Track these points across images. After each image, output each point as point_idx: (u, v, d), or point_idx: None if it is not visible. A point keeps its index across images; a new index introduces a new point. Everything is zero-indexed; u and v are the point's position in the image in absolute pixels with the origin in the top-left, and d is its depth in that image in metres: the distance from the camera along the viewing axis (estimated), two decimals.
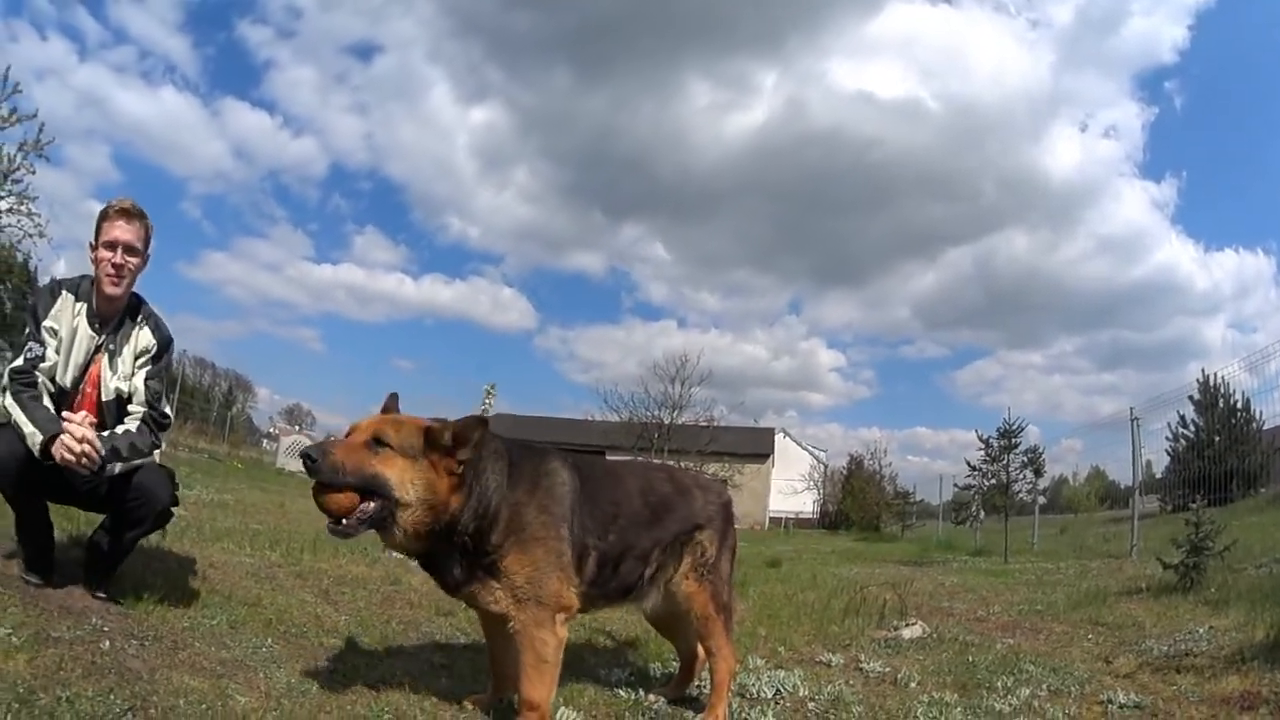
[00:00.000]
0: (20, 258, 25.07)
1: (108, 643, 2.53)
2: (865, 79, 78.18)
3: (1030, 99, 67.86)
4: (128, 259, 2.95)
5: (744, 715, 2.95)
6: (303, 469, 2.29)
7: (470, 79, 76.59)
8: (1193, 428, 17.37)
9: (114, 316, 2.99)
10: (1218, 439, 14.46)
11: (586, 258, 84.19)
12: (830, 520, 37.47)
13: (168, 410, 3.08)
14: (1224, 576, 6.07)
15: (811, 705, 3.11)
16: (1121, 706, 3.15)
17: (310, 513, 8.69)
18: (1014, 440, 13.26)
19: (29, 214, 21.84)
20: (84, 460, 2.63)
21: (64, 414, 2.73)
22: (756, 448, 40.01)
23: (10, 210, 21.71)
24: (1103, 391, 69.62)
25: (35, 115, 21.81)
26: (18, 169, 21.41)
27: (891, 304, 75.49)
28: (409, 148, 77.62)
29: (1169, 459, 16.76)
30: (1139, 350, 69.97)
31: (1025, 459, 13.56)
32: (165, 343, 3.10)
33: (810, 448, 47.09)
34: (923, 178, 71.65)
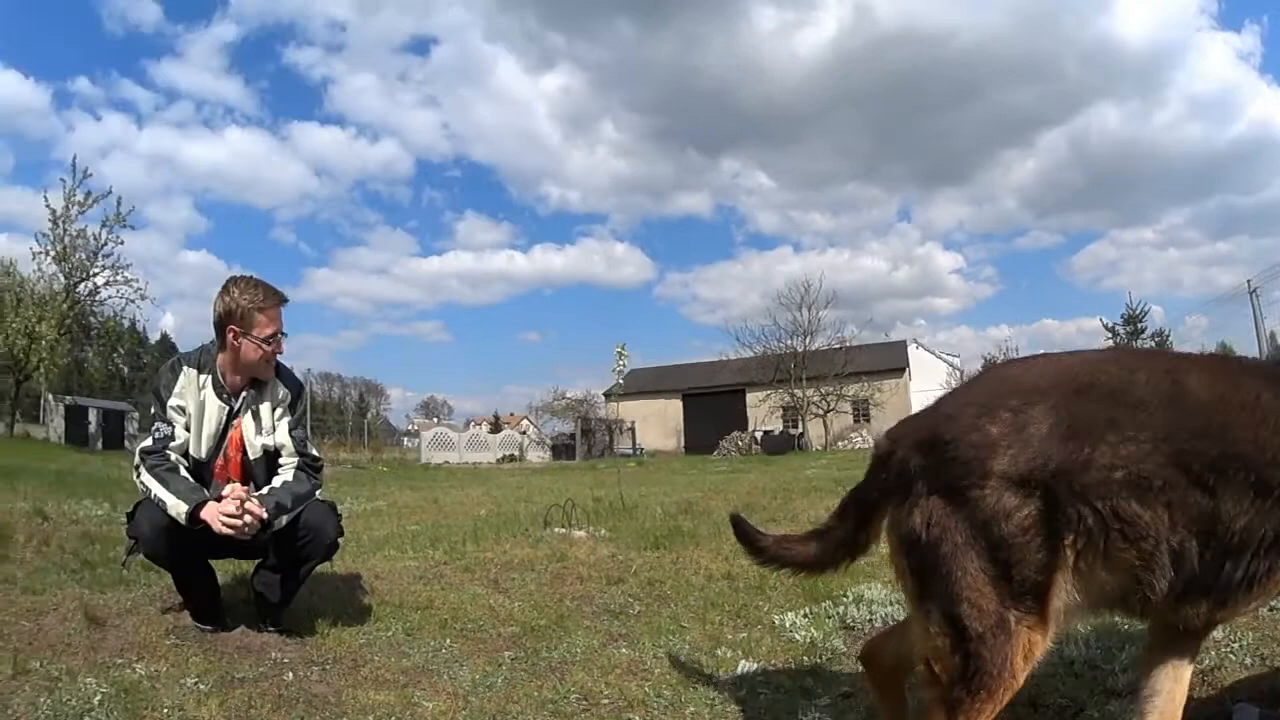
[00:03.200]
0: (127, 324, 27.23)
1: (290, 674, 2.55)
2: None
3: None
4: (281, 344, 2.98)
5: None
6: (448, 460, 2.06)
7: (532, 48, 76.28)
8: None
9: (242, 387, 2.97)
10: None
11: (691, 199, 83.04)
12: None
13: (316, 453, 3.09)
14: None
15: None
16: None
17: (464, 502, 8.62)
18: (1139, 325, 12.48)
19: (126, 281, 23.75)
20: (246, 530, 2.65)
21: (222, 492, 2.75)
22: (891, 362, 38.55)
23: (108, 283, 23.67)
24: (1219, 262, 66.12)
25: (110, 192, 23.43)
26: (105, 245, 23.24)
27: (998, 197, 70.55)
28: (489, 128, 78.16)
29: None
30: (1248, 214, 63.17)
31: (1153, 342, 12.85)
32: (298, 390, 3.12)
33: (944, 355, 45.06)
34: (1003, 63, 66.15)
